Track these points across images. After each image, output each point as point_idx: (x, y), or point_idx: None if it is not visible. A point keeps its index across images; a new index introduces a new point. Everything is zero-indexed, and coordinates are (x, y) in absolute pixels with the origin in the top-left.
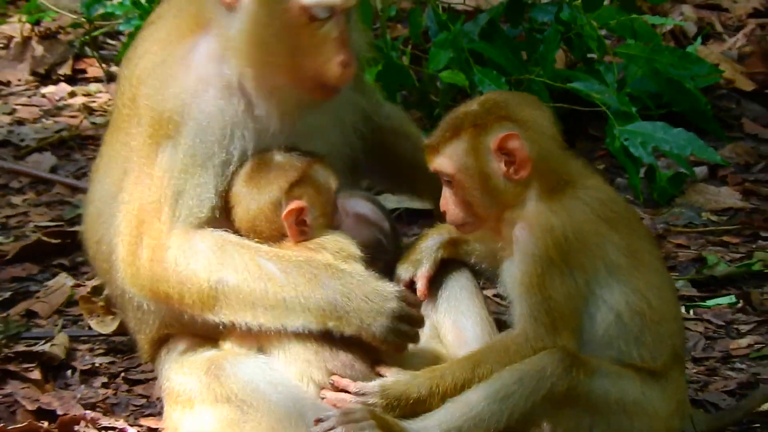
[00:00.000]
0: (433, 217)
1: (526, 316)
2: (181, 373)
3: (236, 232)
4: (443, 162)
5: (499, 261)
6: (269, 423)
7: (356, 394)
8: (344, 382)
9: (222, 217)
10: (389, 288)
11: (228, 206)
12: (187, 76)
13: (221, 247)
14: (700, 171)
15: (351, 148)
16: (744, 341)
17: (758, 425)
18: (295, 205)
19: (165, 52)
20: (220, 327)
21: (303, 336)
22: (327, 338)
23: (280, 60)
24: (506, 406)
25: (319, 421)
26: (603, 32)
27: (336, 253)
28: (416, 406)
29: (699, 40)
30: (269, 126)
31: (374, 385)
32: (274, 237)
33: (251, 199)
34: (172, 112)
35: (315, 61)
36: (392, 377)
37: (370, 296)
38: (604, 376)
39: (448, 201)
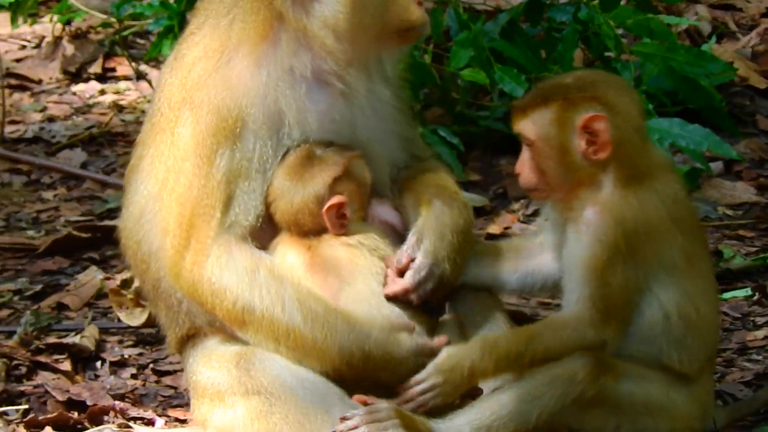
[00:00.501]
0: None
1: (585, 299)
2: (209, 367)
3: (275, 225)
4: (527, 126)
5: (563, 233)
6: (296, 416)
7: (415, 383)
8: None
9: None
10: (407, 344)
11: (268, 201)
12: (255, 77)
13: (253, 271)
14: (716, 166)
15: (392, 162)
16: (760, 333)
17: None
18: (336, 200)
19: (227, 56)
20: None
21: None
22: None
23: (375, 20)
24: (536, 407)
25: (344, 419)
26: (620, 31)
27: (372, 251)
28: (472, 376)
29: (713, 38)
30: (330, 113)
31: (427, 368)
32: (315, 230)
33: (295, 193)
34: (236, 115)
35: (398, 9)
36: (443, 354)
37: (388, 352)
38: (630, 379)
39: (524, 164)
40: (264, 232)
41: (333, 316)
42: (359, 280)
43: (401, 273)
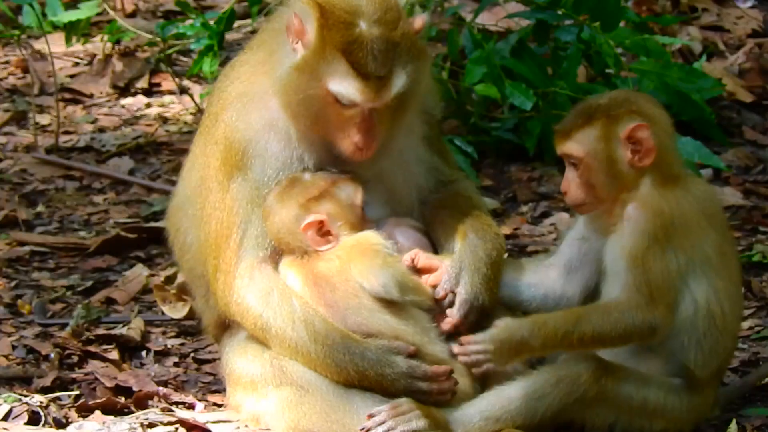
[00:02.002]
0: None
1: (630, 286)
2: (244, 359)
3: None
4: (573, 146)
5: (605, 237)
6: (322, 407)
7: (473, 342)
8: (464, 337)
9: None
10: (399, 366)
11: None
12: (260, 115)
13: (268, 293)
14: (706, 173)
15: (417, 189)
16: (746, 324)
17: (759, 399)
18: (312, 218)
19: (248, 84)
20: None
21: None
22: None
23: (309, 120)
24: (541, 404)
25: (371, 416)
26: (619, 50)
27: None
28: (521, 350)
29: (704, 57)
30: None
31: (485, 333)
32: (300, 248)
33: (276, 213)
34: (243, 146)
35: (336, 133)
36: (501, 324)
37: (380, 373)
38: (630, 383)
39: (570, 183)
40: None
41: (332, 336)
42: (351, 290)
43: (439, 301)
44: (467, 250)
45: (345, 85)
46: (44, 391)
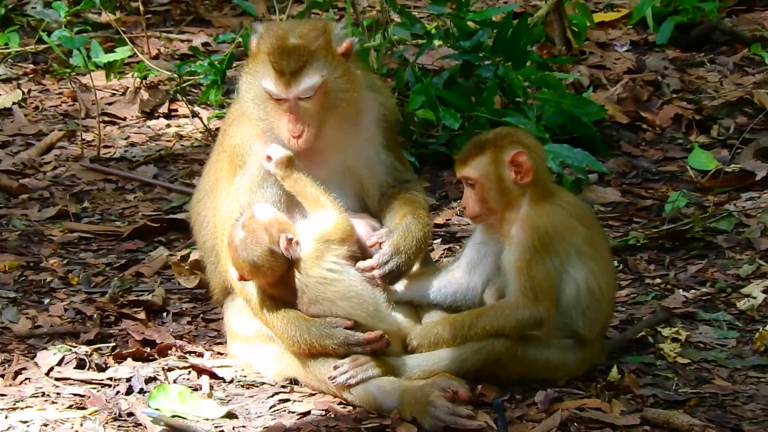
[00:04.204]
0: None
1: (517, 291)
2: (241, 319)
3: None
4: (470, 170)
5: (497, 242)
6: (301, 359)
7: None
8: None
9: None
10: (338, 336)
11: None
12: (250, 126)
13: None
14: (593, 177)
15: (379, 185)
16: (623, 292)
17: (634, 349)
18: (283, 238)
19: (243, 104)
20: None
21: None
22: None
23: (260, 118)
24: (465, 365)
25: (336, 367)
26: (526, 83)
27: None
28: (437, 342)
29: (591, 89)
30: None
31: (412, 333)
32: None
33: (250, 257)
34: (241, 150)
35: (278, 126)
36: (423, 326)
37: (323, 344)
38: (534, 347)
39: (468, 200)
40: None
41: (288, 314)
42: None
43: (370, 248)
44: (402, 224)
45: (267, 81)
46: (88, 343)
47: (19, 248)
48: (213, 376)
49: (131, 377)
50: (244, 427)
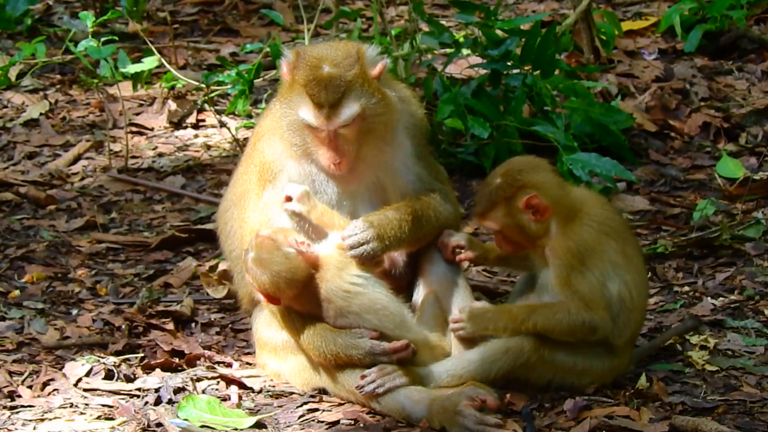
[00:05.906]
0: None
1: (567, 298)
2: (270, 329)
3: None
4: (490, 223)
5: (538, 268)
6: (329, 369)
7: (458, 316)
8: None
9: None
10: (363, 346)
11: None
12: (281, 143)
13: None
14: (621, 186)
15: (403, 195)
16: (652, 300)
17: (663, 357)
18: (299, 241)
19: (273, 121)
20: None
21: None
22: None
23: (295, 143)
24: (494, 367)
25: (363, 376)
26: (554, 92)
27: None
28: (487, 329)
29: (619, 97)
30: (329, 184)
31: (464, 313)
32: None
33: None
34: (271, 166)
35: (315, 152)
36: (479, 305)
37: (348, 354)
38: (562, 351)
39: (499, 243)
40: None
41: (313, 326)
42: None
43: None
44: (389, 209)
45: (305, 112)
46: (117, 353)
47: (47, 259)
48: (242, 386)
49: (160, 388)
50: None
